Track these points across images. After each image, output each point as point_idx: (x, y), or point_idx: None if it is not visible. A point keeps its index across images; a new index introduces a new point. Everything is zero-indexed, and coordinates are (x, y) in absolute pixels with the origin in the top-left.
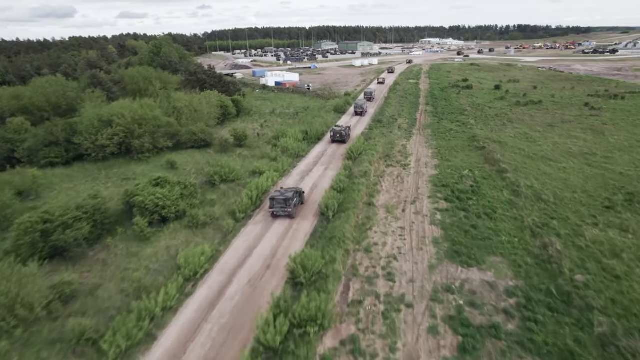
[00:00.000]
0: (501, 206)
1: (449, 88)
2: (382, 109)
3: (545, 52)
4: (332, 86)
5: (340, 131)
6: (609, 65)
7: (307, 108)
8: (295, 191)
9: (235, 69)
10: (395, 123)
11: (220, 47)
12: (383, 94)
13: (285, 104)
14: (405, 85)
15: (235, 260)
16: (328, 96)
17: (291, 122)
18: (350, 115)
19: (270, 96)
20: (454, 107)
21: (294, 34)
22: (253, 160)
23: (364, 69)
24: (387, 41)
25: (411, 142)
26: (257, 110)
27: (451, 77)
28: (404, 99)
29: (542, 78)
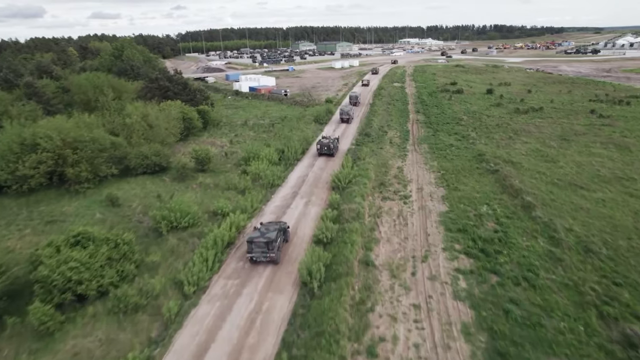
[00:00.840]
0: (542, 263)
1: (438, 92)
2: (368, 118)
3: (527, 52)
4: (312, 91)
5: (328, 143)
6: (595, 65)
7: (284, 118)
8: (279, 228)
9: (208, 72)
10: (386, 136)
11: (195, 48)
12: (368, 100)
13: (260, 112)
14: (391, 90)
15: None
16: (307, 103)
17: (265, 137)
18: (335, 123)
19: (243, 103)
20: (447, 116)
21: (270, 34)
22: (216, 193)
23: (344, 71)
24: (365, 41)
25: (407, 163)
26: (227, 122)
27: (438, 80)
28: (391, 105)
29: (532, 80)
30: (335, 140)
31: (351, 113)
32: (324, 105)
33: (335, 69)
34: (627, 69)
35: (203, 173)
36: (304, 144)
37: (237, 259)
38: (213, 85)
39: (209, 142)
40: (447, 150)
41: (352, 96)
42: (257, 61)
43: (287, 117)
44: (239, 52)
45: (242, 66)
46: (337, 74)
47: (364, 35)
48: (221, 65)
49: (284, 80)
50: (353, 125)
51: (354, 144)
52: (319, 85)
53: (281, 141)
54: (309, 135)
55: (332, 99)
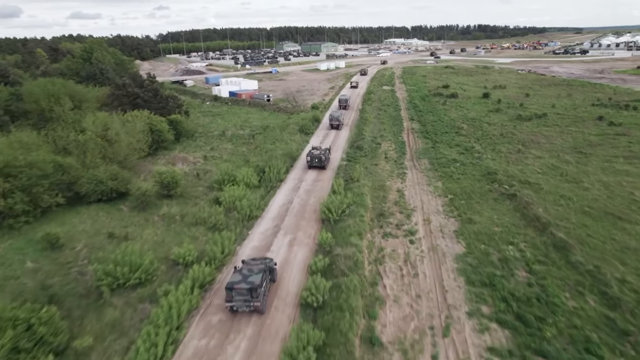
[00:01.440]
0: (602, 338)
1: (431, 96)
2: (359, 127)
3: (515, 52)
4: (296, 95)
5: (319, 155)
6: (586, 66)
7: (266, 127)
8: (264, 269)
9: (187, 74)
10: (379, 149)
11: (176, 49)
12: (357, 104)
13: (240, 121)
14: (381, 94)
15: None
16: (292, 109)
17: (245, 151)
18: (324, 130)
19: (222, 110)
20: (445, 124)
21: (254, 34)
22: (181, 229)
23: (330, 73)
24: (351, 42)
25: (408, 184)
26: (203, 132)
27: (429, 83)
28: (382, 111)
29: (527, 82)
30: (326, 152)
31: (341, 119)
32: (309, 112)
33: (320, 71)
34: (620, 69)
35: (169, 199)
36: (287, 160)
37: (200, 333)
38: (191, 90)
39: (180, 157)
40: (450, 166)
41: (341, 99)
42: (239, 63)
43: (270, 127)
44: (221, 53)
45: (224, 68)
46: (323, 76)
47: (349, 35)
48: (202, 68)
49: (267, 84)
50: (343, 132)
51: (344, 159)
52: (304, 88)
53: (262, 156)
54: (293, 149)
55: (318, 104)
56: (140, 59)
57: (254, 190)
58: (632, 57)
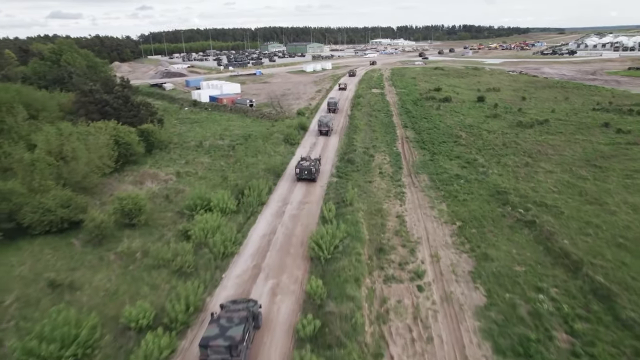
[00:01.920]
0: None
1: (423, 100)
2: (349, 135)
3: (502, 52)
4: (281, 99)
5: (309, 167)
6: (576, 67)
7: (248, 137)
8: (247, 317)
9: (167, 77)
10: (373, 162)
11: (158, 50)
12: (346, 109)
13: (220, 129)
14: (370, 98)
15: None
16: (276, 116)
17: (224, 165)
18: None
19: (201, 117)
20: (441, 131)
21: (238, 35)
22: (140, 274)
23: (316, 75)
24: (337, 42)
25: (408, 206)
26: (179, 142)
27: (420, 85)
28: (373, 117)
29: (521, 84)
30: (316, 162)
31: (330, 124)
32: (295, 118)
33: (306, 73)
34: (611, 71)
35: (132, 229)
36: (271, 177)
37: None
38: (170, 94)
39: (150, 173)
40: (454, 183)
41: (330, 102)
42: (222, 64)
43: (252, 136)
44: (204, 54)
45: (206, 70)
46: (309, 79)
47: (335, 35)
48: (183, 70)
49: (251, 87)
50: (333, 140)
51: (335, 175)
52: (289, 92)
53: (242, 173)
54: (277, 163)
55: (304, 110)
56: (120, 60)
57: (232, 217)
58: (620, 57)
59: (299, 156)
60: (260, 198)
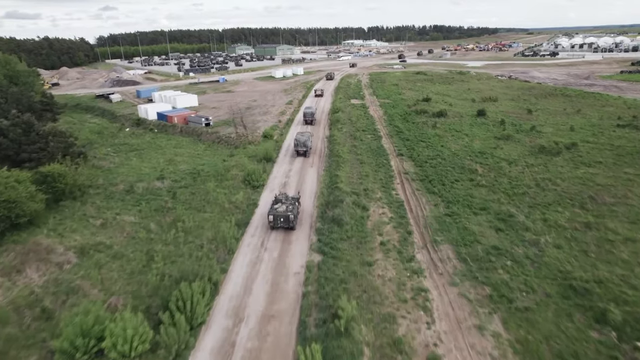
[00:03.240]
0: None
1: (414, 115)
2: (330, 171)
3: (482, 54)
4: (245, 115)
5: (286, 214)
6: (564, 70)
7: (198, 175)
8: None
9: (118, 85)
10: (368, 221)
11: (118, 53)
12: (324, 125)
13: (163, 161)
14: (350, 111)
15: None
16: (237, 140)
17: (153, 232)
18: (282, 168)
19: (143, 142)
20: (448, 161)
21: (204, 37)
22: None
23: (287, 82)
24: (307, 43)
25: (440, 326)
26: (104, 184)
27: (405, 94)
28: (358, 140)
29: (516, 92)
30: (295, 204)
31: (308, 143)
32: (260, 143)
33: (275, 79)
34: (604, 74)
35: None
36: (220, 256)
37: None
38: (112, 109)
39: (41, 248)
40: (497, 267)
41: (306, 113)
42: (183, 70)
43: (203, 173)
44: (167, 57)
45: (164, 77)
46: (279, 86)
47: (306, 36)
48: (138, 76)
49: (211, 98)
50: (310, 174)
51: (315, 248)
52: (255, 104)
53: (179, 247)
54: (231, 225)
55: (272, 131)
56: (72, 65)
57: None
58: (604, 59)
59: (262, 209)
60: (195, 317)
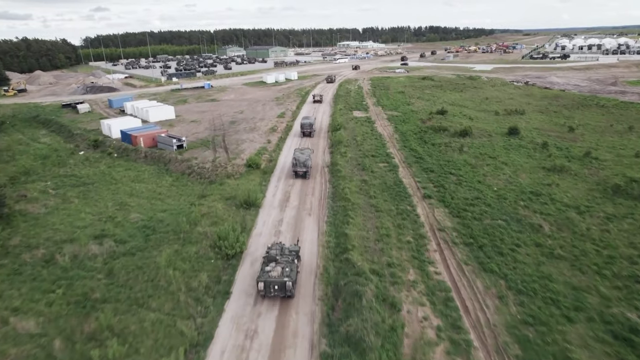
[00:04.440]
0: None
1: (431, 133)
2: (335, 224)
3: (487, 56)
4: (228, 132)
5: (281, 281)
6: (584, 75)
7: (152, 232)
8: None
9: (91, 92)
10: (404, 340)
11: (107, 55)
12: (322, 148)
13: (112, 206)
14: (354, 128)
15: None
16: (213, 172)
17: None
18: (270, 218)
19: (96, 173)
20: (497, 211)
21: (195, 38)
22: None
23: (279, 89)
24: (301, 45)
25: None
26: (20, 244)
27: (414, 105)
28: (369, 171)
29: (541, 102)
30: (294, 262)
31: (309, 163)
32: (243, 177)
33: (266, 85)
34: (631, 80)
35: None
36: None
37: None
38: (70, 124)
39: None
40: None
41: (304, 124)
42: (166, 74)
43: (160, 228)
44: (155, 59)
45: (145, 82)
46: (270, 94)
47: (300, 38)
48: (117, 82)
49: (192, 108)
50: (310, 224)
51: None
52: (241, 117)
53: None
54: (190, 337)
55: (258, 158)
56: (52, 67)
57: None
58: (620, 62)
59: (235, 306)
60: None
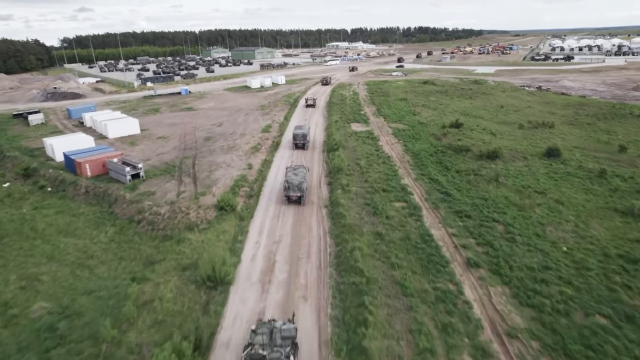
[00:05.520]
0: None
1: (451, 155)
2: (346, 326)
3: (486, 58)
4: (201, 152)
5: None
6: (597, 78)
7: (58, 343)
8: None
9: (52, 99)
10: None
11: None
12: (317, 178)
13: (13, 281)
14: (355, 147)
15: None
16: (170, 222)
17: None
18: (250, 309)
19: (12, 218)
20: (584, 294)
21: (178, 39)
22: None
23: (265, 95)
24: (289, 46)
25: None
26: None
27: (421, 114)
28: (382, 217)
29: (565, 110)
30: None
31: (303, 186)
32: (212, 227)
33: (251, 91)
34: None
35: None
36: None
37: None
38: (3, 145)
39: None
40: None
41: (297, 135)
42: (139, 79)
43: (76, 326)
44: (135, 61)
45: (116, 87)
46: (255, 101)
47: (287, 38)
48: (85, 87)
49: (163, 120)
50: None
51: None
52: (219, 132)
53: None
54: None
55: (233, 197)
56: (21, 69)
57: None
58: (629, 64)
59: None
60: None
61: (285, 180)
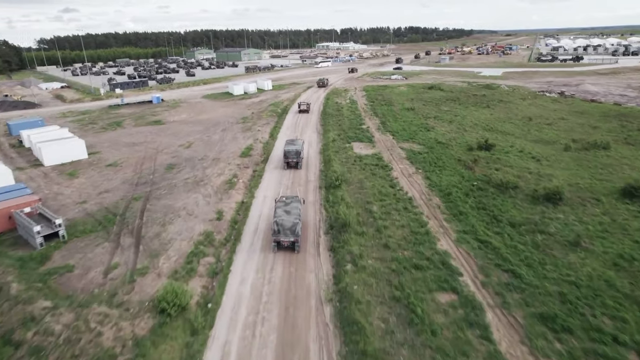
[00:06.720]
0: None
1: (492, 194)
2: None
3: (487, 58)
4: (158, 189)
5: None
6: (618, 82)
7: None
8: None
9: (1, 109)
10: None
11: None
12: (313, 243)
13: None
14: (363, 182)
15: None
16: (69, 352)
17: None
18: None
19: None
20: None
21: (162, 40)
22: None
23: (249, 103)
24: (278, 47)
25: None
26: None
27: (435, 129)
28: (417, 325)
29: (607, 124)
30: None
31: (297, 228)
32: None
33: (233, 98)
34: None
35: None
36: None
37: None
38: None
39: None
40: None
41: (289, 151)
42: (106, 85)
43: None
44: (114, 63)
45: (81, 94)
46: (235, 111)
47: (276, 39)
48: (46, 93)
49: (121, 138)
50: None
51: None
52: (186, 156)
53: None
54: None
55: (187, 271)
56: None
57: None
58: None
59: None
60: None
61: (275, 221)
